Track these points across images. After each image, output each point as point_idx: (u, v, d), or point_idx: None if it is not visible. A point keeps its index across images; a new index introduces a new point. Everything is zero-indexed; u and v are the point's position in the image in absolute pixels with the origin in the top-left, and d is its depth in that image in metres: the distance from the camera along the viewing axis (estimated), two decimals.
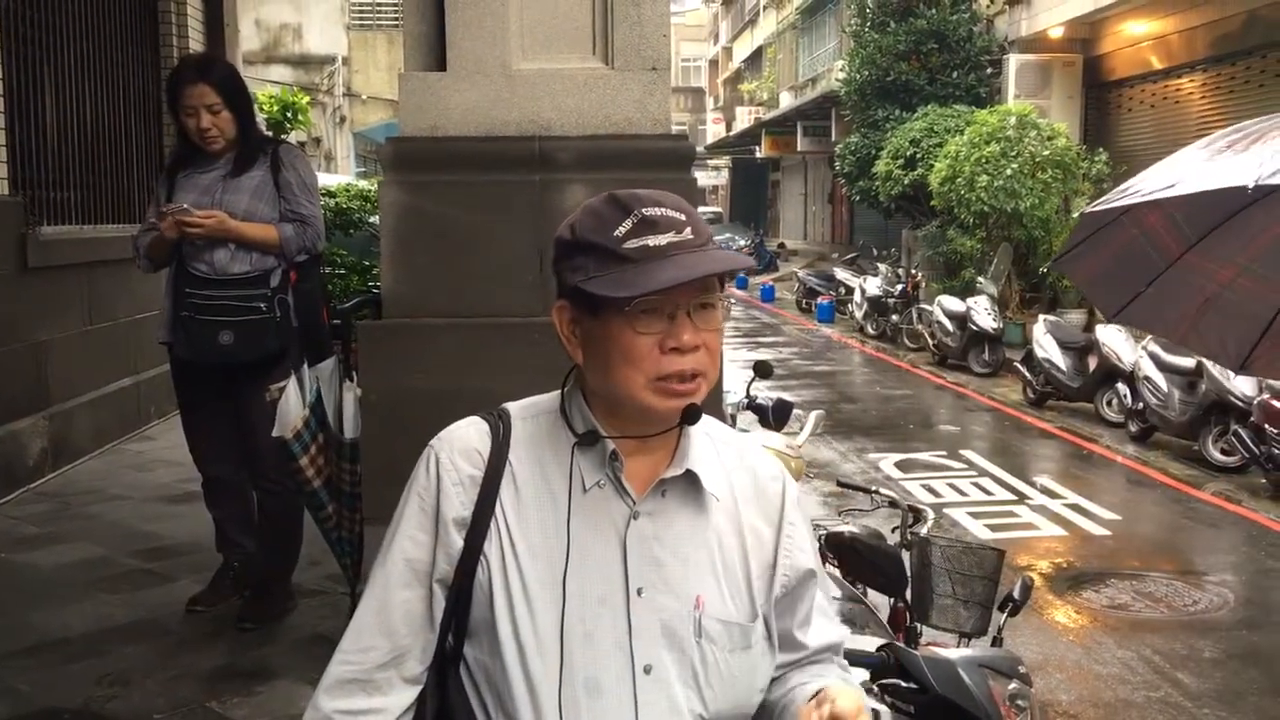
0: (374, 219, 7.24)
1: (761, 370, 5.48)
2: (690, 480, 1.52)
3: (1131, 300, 2.42)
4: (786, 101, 32.61)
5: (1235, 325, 2.40)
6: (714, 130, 46.77)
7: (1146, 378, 9.34)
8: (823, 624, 1.63)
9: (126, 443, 7.61)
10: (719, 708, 1.49)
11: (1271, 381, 7.79)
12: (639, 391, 1.43)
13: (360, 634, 1.49)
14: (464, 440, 1.52)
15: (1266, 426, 7.70)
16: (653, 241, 1.41)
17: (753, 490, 1.58)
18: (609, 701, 1.44)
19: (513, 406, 1.57)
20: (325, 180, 9.40)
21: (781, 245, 34.76)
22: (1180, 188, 1.95)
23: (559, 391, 1.56)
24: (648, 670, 1.45)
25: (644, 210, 1.43)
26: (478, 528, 1.47)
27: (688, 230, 1.43)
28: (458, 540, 1.47)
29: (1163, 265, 2.33)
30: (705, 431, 1.56)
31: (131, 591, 4.82)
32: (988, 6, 19.34)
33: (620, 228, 1.42)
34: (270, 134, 8.89)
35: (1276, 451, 7.62)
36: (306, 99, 11.75)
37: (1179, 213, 2.23)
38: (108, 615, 4.56)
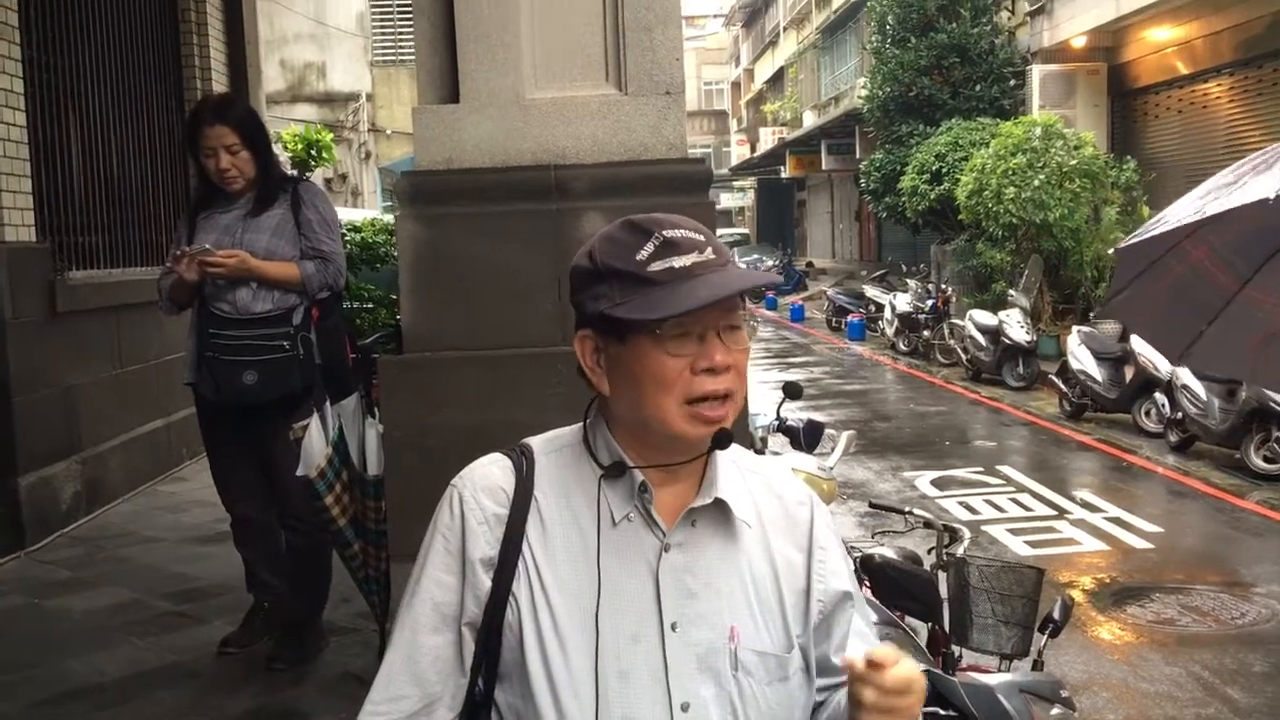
0: None
1: (791, 391, 5.41)
2: (720, 509, 1.48)
3: (1194, 341, 2.36)
4: (810, 121, 32.64)
5: None
6: (738, 152, 46.87)
7: (1185, 386, 9.19)
8: (860, 646, 1.57)
9: (159, 484, 7.64)
10: None
11: None
12: (672, 417, 1.40)
13: (390, 683, 1.45)
14: (487, 478, 1.48)
15: None
16: (678, 263, 1.39)
17: (781, 517, 1.54)
18: None
19: (534, 441, 1.53)
20: (351, 215, 9.46)
21: (810, 264, 34.72)
22: (1209, 210, 1.90)
23: (581, 424, 1.52)
24: (685, 708, 1.41)
25: (665, 232, 1.41)
26: (505, 567, 1.43)
27: (709, 250, 1.41)
28: (485, 581, 1.43)
29: (1220, 303, 2.27)
30: (732, 459, 1.53)
31: (163, 634, 4.82)
32: (1009, 19, 19.29)
33: (642, 251, 1.40)
34: (294, 172, 8.97)
35: None
36: (330, 135, 11.83)
37: (1224, 246, 2.17)
38: (139, 659, 4.55)
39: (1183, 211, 2.01)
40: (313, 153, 11.00)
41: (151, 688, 4.27)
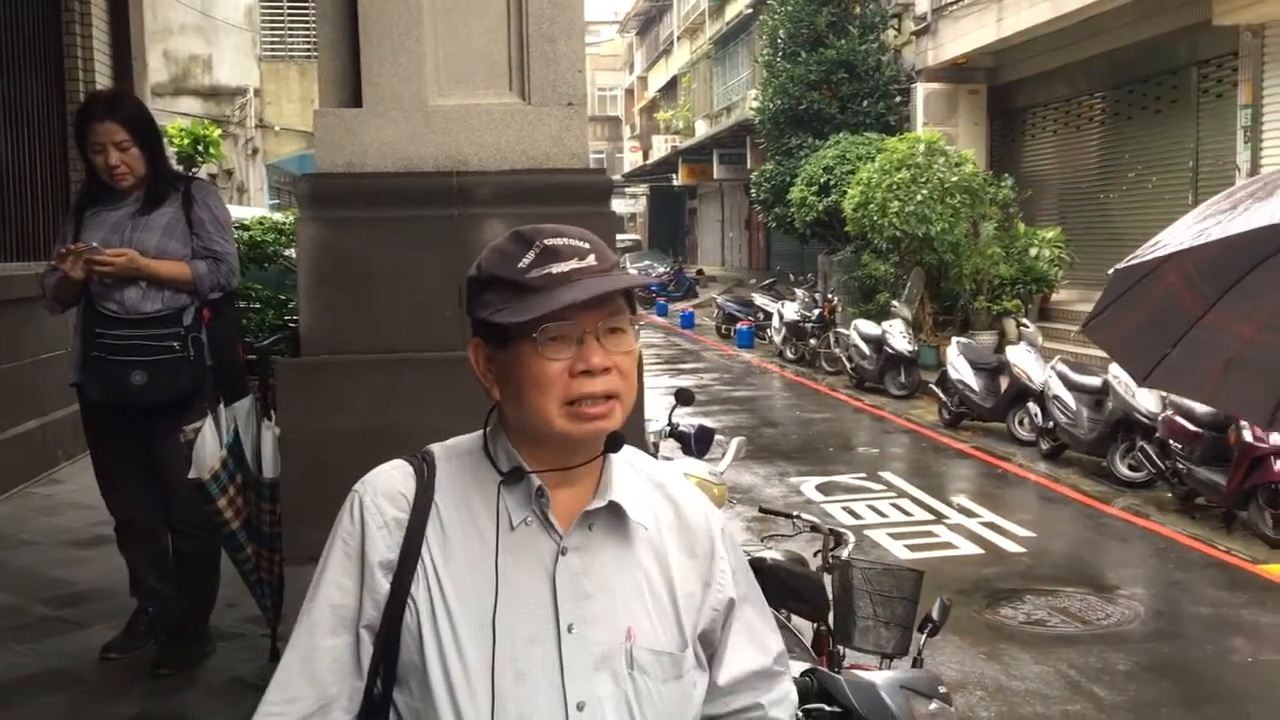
0: (289, 252, 7.15)
1: (683, 398, 5.52)
2: (615, 511, 1.52)
3: (1158, 363, 2.41)
4: (702, 130, 32.98)
5: (1260, 382, 2.41)
6: (631, 159, 47.08)
7: (1056, 397, 9.57)
8: (745, 652, 1.63)
9: (34, 486, 7.39)
10: None
11: (1175, 398, 8.05)
12: (553, 418, 1.44)
13: (286, 684, 1.47)
14: (388, 483, 1.51)
15: (1171, 442, 7.95)
16: (556, 269, 1.43)
17: (676, 522, 1.59)
18: None
19: (436, 448, 1.57)
20: (238, 213, 9.27)
21: (700, 271, 35.05)
22: (1211, 235, 1.93)
23: (481, 431, 1.56)
24: (580, 707, 1.45)
25: (546, 241, 1.46)
26: (404, 571, 1.46)
27: (591, 257, 1.46)
28: (384, 584, 1.46)
29: (1185, 326, 2.33)
30: (629, 463, 1.58)
31: (42, 640, 4.68)
32: (895, 37, 19.81)
33: (524, 259, 1.44)
34: (181, 168, 8.76)
35: (1181, 466, 7.86)
36: (218, 131, 11.59)
37: (1196, 270, 2.21)
38: (18, 665, 4.42)
39: (1182, 235, 2.03)
40: (199, 148, 10.77)
41: (32, 694, 4.15)
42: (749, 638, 1.64)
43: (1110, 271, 2.28)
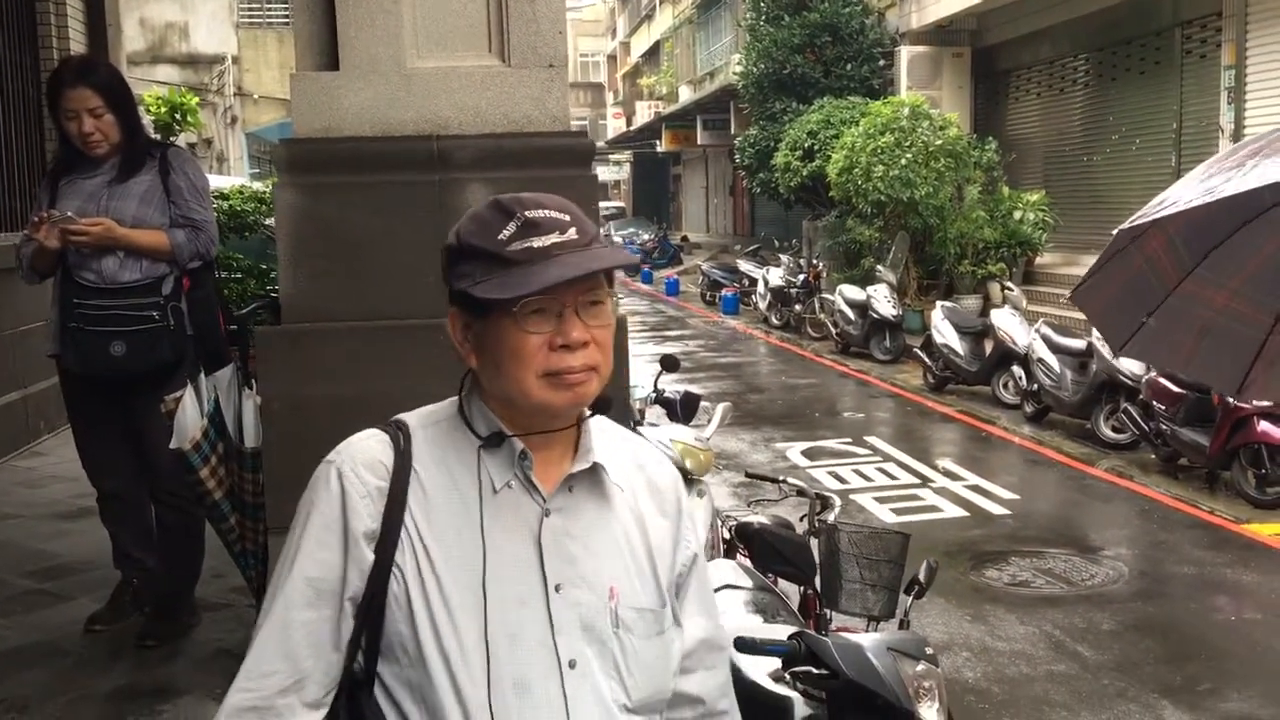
0: (269, 221, 7.09)
1: (668, 364, 5.52)
2: (594, 474, 1.55)
3: (1135, 332, 2.40)
4: (685, 96, 32.78)
5: (1230, 351, 2.40)
6: (614, 125, 46.80)
7: (1040, 359, 9.60)
8: (696, 620, 1.65)
9: (16, 459, 7.35)
10: (641, 695, 1.52)
11: None
12: (532, 388, 1.45)
13: (260, 659, 1.46)
14: (366, 452, 1.50)
15: (1154, 403, 7.97)
16: (537, 243, 1.43)
17: (646, 484, 1.62)
18: (538, 700, 1.45)
19: (408, 416, 1.56)
20: (218, 182, 9.18)
21: (685, 238, 34.98)
22: (1220, 193, 1.89)
23: (455, 398, 1.57)
24: (572, 665, 1.47)
25: (527, 213, 1.45)
26: (388, 539, 1.46)
27: (571, 230, 1.45)
28: (368, 554, 1.46)
29: (1162, 294, 2.32)
30: (601, 428, 1.60)
31: (26, 613, 4.66)
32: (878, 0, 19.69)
33: (504, 231, 1.44)
34: (158, 137, 8.67)
35: (1164, 427, 7.89)
36: (195, 100, 11.45)
37: (1178, 235, 2.20)
38: (2, 639, 4.40)
39: (1190, 193, 1.99)
40: (176, 117, 10.64)
41: (17, 667, 4.13)
42: (700, 604, 1.67)
43: (1115, 231, 2.25)
